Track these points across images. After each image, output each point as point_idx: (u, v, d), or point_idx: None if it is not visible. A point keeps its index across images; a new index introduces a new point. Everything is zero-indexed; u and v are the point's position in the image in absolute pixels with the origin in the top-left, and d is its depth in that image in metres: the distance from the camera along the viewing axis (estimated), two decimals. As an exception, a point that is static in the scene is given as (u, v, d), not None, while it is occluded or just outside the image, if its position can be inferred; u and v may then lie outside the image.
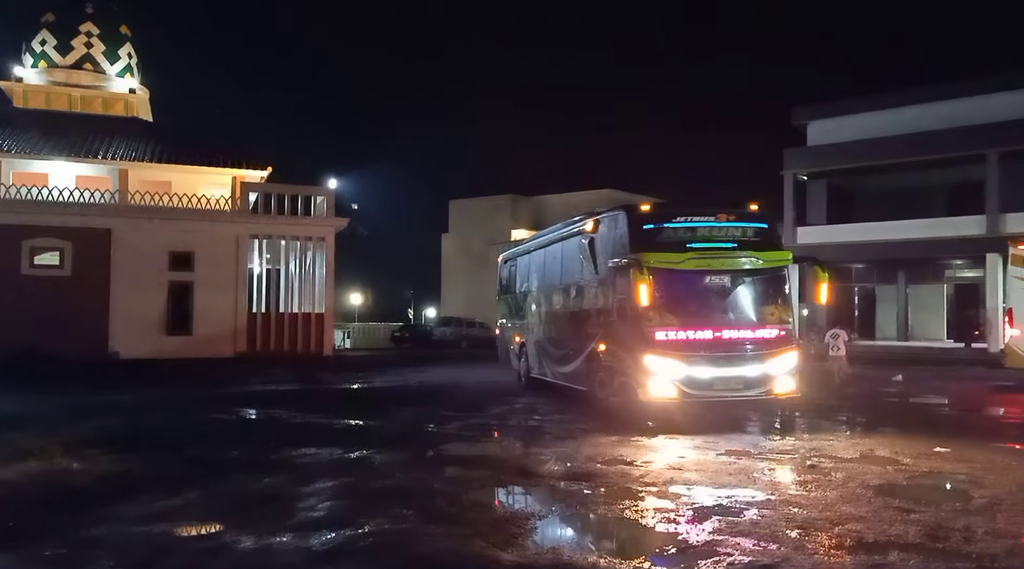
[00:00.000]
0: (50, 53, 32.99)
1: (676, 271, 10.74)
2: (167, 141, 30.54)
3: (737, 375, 10.76)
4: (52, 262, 25.92)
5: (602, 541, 5.77)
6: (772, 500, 6.68)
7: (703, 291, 11.06)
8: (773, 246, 11.40)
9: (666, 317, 10.74)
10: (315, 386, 18.02)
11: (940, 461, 8.70)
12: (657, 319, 10.69)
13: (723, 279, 11.12)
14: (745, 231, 11.32)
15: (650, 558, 5.23)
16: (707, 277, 11.04)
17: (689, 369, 10.56)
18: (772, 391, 10.90)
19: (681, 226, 11.14)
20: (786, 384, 11.02)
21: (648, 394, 10.65)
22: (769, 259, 11.15)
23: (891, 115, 30.13)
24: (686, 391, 10.58)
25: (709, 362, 10.64)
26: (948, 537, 5.59)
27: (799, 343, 12.18)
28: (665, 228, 11.09)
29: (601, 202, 41.63)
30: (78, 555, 5.27)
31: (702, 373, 10.60)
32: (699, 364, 10.60)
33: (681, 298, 10.94)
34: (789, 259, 11.45)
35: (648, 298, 10.38)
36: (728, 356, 10.75)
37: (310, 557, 5.22)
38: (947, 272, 31.92)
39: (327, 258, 29.12)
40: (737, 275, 11.15)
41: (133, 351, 25.15)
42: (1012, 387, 17.27)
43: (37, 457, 8.62)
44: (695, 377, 10.58)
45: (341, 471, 7.96)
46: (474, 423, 11.51)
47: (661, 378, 10.56)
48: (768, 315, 11.26)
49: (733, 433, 10.53)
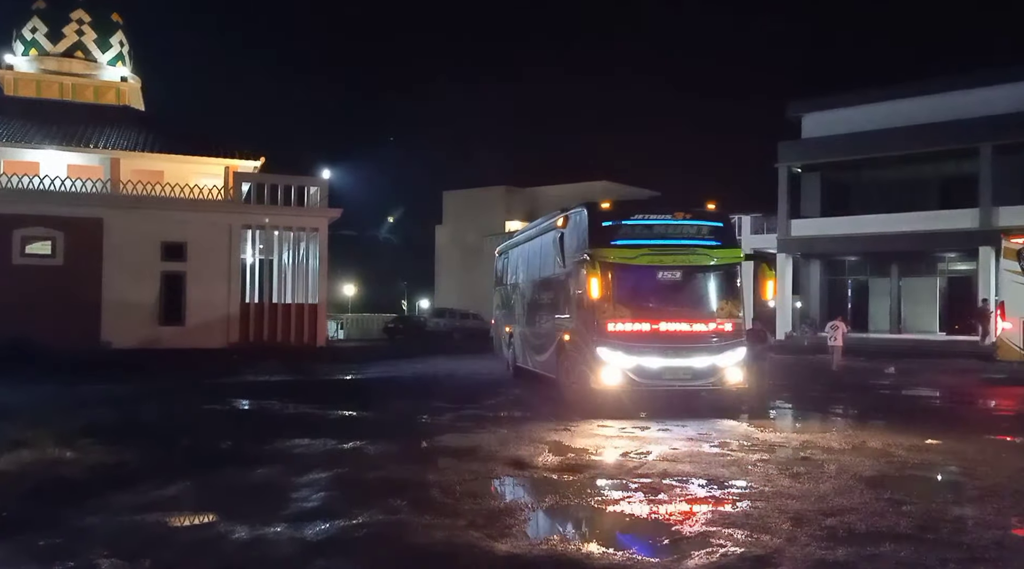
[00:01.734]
0: (41, 41, 32.71)
1: (630, 266, 11.42)
2: (159, 130, 30.38)
3: (685, 365, 11.35)
4: (44, 252, 25.77)
5: (595, 531, 5.78)
6: (765, 491, 6.70)
7: (655, 285, 11.65)
8: (726, 244, 11.98)
9: (619, 310, 11.34)
10: (308, 377, 17.99)
11: (932, 453, 8.75)
12: (610, 311, 11.28)
13: (675, 274, 11.72)
14: (700, 229, 11.92)
15: (643, 548, 5.24)
16: (659, 272, 11.65)
17: (639, 359, 11.19)
18: (720, 381, 11.55)
19: (638, 223, 11.79)
20: (734, 375, 11.60)
21: (600, 382, 11.29)
22: (721, 256, 11.77)
23: (885, 108, 30.16)
24: (636, 380, 11.24)
25: (658, 353, 11.25)
26: (939, 528, 5.63)
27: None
28: (623, 225, 11.74)
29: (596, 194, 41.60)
30: (72, 545, 5.25)
31: (651, 363, 11.23)
32: (649, 355, 11.22)
33: (634, 292, 11.57)
34: (740, 256, 12.07)
35: (600, 291, 11.11)
36: (677, 347, 11.31)
37: (304, 548, 5.22)
38: (940, 265, 32.06)
39: (320, 249, 29.04)
40: (689, 271, 11.78)
41: (125, 341, 25.06)
42: (1004, 380, 17.36)
43: (29, 447, 8.59)
44: (645, 367, 11.21)
45: (335, 462, 7.96)
46: (467, 414, 11.52)
47: (612, 367, 11.20)
48: (718, 309, 11.87)
49: (725, 426, 10.59)
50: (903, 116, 29.38)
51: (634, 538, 5.55)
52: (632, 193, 44.18)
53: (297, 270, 29.08)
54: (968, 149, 28.03)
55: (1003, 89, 27.56)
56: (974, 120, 27.52)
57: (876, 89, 31.11)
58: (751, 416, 11.55)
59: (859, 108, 30.96)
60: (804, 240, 32.08)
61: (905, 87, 30.14)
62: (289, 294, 28.82)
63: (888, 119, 29.77)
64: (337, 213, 29.57)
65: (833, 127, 31.46)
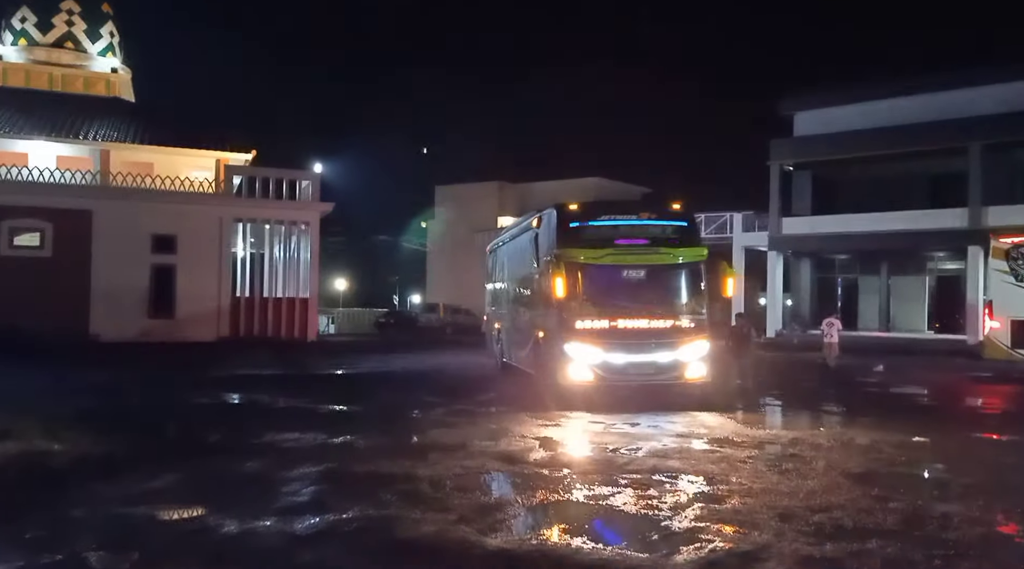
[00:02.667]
0: (30, 31, 32.46)
1: (596, 265, 11.76)
2: (150, 122, 30.16)
3: (649, 361, 11.75)
4: (32, 243, 25.57)
5: (585, 527, 5.79)
6: (753, 488, 6.74)
7: (621, 284, 12.00)
8: (691, 243, 12.30)
9: (586, 308, 11.68)
10: (299, 371, 17.95)
11: (919, 450, 8.82)
12: (577, 309, 11.63)
13: (639, 273, 12.08)
14: (665, 229, 12.28)
15: (633, 544, 5.26)
16: (624, 271, 12.01)
17: (605, 355, 11.56)
18: (683, 376, 11.94)
19: (604, 224, 12.19)
20: (697, 370, 11.98)
21: (567, 378, 11.68)
22: (684, 255, 12.08)
23: (876, 107, 30.24)
24: (602, 375, 11.63)
25: (623, 349, 11.62)
26: (925, 525, 5.68)
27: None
28: (590, 226, 12.15)
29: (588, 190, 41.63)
30: (59, 536, 5.23)
31: (616, 359, 11.61)
32: (614, 351, 11.59)
33: (600, 290, 11.89)
34: (704, 255, 12.32)
35: (568, 290, 11.47)
36: (641, 344, 11.74)
37: (294, 541, 5.22)
38: (929, 264, 32.21)
39: (312, 243, 28.95)
40: (653, 270, 12.10)
41: (114, 334, 24.88)
42: (991, 378, 17.49)
43: (16, 438, 8.54)
44: (610, 363, 11.59)
45: (325, 456, 7.95)
46: (458, 409, 11.53)
47: (579, 363, 11.60)
48: (681, 307, 12.20)
49: (714, 422, 10.63)
50: (894, 115, 29.47)
51: (623, 533, 5.57)
52: (624, 189, 44.17)
53: (288, 264, 28.98)
54: (958, 148, 28.17)
55: (993, 89, 27.66)
56: (964, 119, 27.62)
57: (867, 88, 31.17)
58: (741, 413, 11.60)
59: (850, 106, 31.03)
60: (795, 238, 32.18)
61: (896, 86, 30.23)
62: (280, 288, 28.71)
63: (879, 117, 29.85)
64: (329, 207, 29.47)
65: (825, 125, 31.54)
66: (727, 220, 34.66)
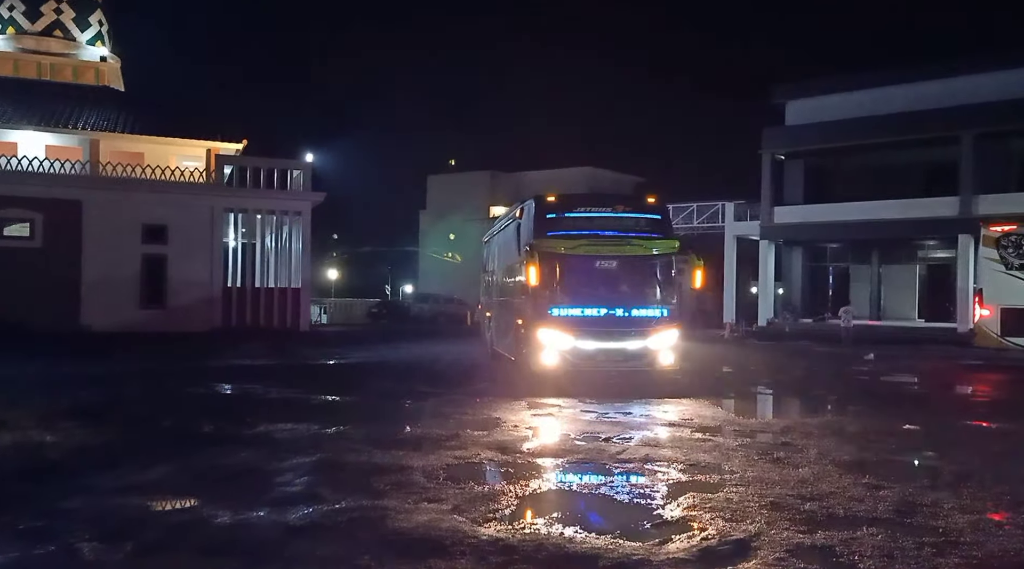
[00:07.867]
0: (19, 19, 32.16)
1: (570, 255, 12.17)
2: (139, 111, 29.96)
3: (618, 348, 12.20)
4: (22, 233, 25.41)
5: (578, 516, 5.81)
6: (745, 476, 6.78)
7: (594, 274, 12.44)
8: (663, 235, 12.67)
9: (559, 296, 12.17)
10: (291, 361, 17.93)
11: (909, 438, 8.88)
12: (552, 297, 12.12)
13: (611, 264, 12.54)
14: (638, 221, 12.71)
15: (625, 533, 5.28)
16: (597, 261, 12.46)
17: (576, 342, 12.06)
18: (652, 364, 12.32)
19: (580, 215, 12.61)
20: (666, 358, 12.41)
21: (540, 363, 12.19)
22: (656, 246, 12.50)
23: (868, 95, 30.25)
24: (572, 361, 12.12)
25: (594, 336, 12.10)
26: (916, 512, 5.72)
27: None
28: (565, 217, 12.54)
29: (580, 180, 41.60)
30: (53, 527, 5.22)
31: (587, 346, 12.10)
32: (585, 338, 12.06)
33: (574, 279, 12.28)
34: (676, 247, 12.77)
35: (542, 278, 11.91)
36: (611, 332, 12.15)
37: (287, 532, 5.22)
38: (920, 253, 32.32)
39: (304, 232, 28.85)
40: (625, 260, 12.52)
41: (106, 324, 24.77)
42: (981, 366, 17.61)
43: (10, 429, 8.51)
44: (581, 349, 12.08)
45: (318, 446, 7.95)
46: (450, 398, 11.53)
47: (551, 349, 12.09)
48: (652, 296, 12.66)
49: (707, 411, 10.67)
50: (886, 103, 29.48)
51: (616, 522, 5.59)
52: (616, 179, 44.14)
53: (280, 254, 28.89)
54: (949, 137, 28.21)
55: (985, 77, 27.69)
56: (956, 108, 27.65)
57: (859, 76, 31.17)
58: (732, 401, 11.66)
59: (843, 95, 31.03)
60: (787, 227, 32.22)
61: (888, 74, 30.23)
62: (272, 278, 28.63)
63: (871, 106, 29.86)
64: (320, 197, 29.36)
65: (817, 114, 31.53)
66: (719, 209, 34.67)
